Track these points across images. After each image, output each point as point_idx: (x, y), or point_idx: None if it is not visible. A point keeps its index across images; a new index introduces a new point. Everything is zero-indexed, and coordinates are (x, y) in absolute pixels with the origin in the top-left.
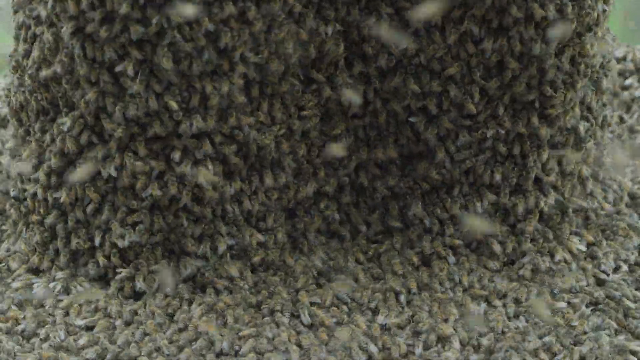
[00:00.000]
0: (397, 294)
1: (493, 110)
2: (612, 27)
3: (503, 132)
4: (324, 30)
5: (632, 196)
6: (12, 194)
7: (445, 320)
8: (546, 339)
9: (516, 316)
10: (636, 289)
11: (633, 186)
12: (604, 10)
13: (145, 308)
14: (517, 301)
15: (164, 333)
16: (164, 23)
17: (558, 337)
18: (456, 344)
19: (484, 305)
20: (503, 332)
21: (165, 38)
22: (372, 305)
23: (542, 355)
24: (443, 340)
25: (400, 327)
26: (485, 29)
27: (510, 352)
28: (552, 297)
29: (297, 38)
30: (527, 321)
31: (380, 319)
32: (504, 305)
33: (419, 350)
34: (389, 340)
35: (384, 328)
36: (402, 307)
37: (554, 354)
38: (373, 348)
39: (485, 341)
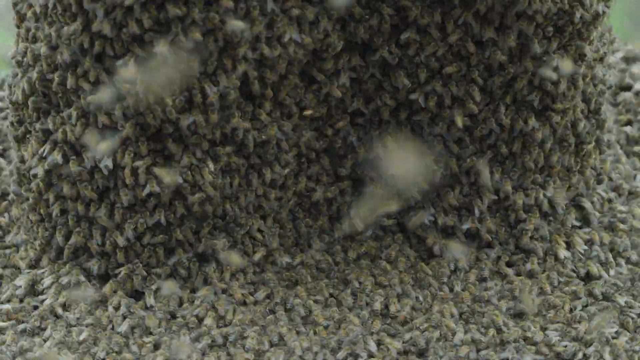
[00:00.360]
0: (397, 291)
1: (494, 109)
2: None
3: (503, 130)
4: (324, 25)
5: (632, 195)
6: (12, 189)
7: (448, 317)
8: (548, 336)
9: (517, 313)
10: (635, 288)
11: (632, 186)
12: (604, 12)
13: (145, 306)
14: (517, 298)
15: (164, 330)
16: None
17: (560, 335)
18: (458, 340)
19: (484, 302)
20: (501, 329)
21: (169, 35)
22: (373, 302)
23: (544, 351)
24: (447, 336)
25: (402, 324)
26: (485, 27)
27: (511, 348)
28: (552, 295)
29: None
30: (527, 318)
31: (378, 308)
32: (506, 302)
33: (422, 345)
34: (386, 337)
35: (385, 324)
36: (402, 304)
37: (557, 353)
38: (372, 347)
39: (486, 338)
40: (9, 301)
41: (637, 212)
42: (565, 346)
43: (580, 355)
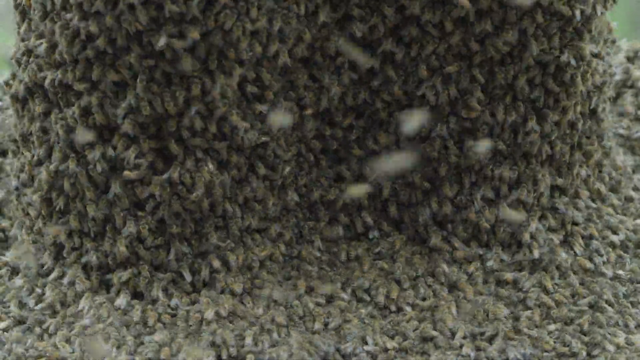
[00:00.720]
0: (397, 289)
1: (494, 108)
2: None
3: (503, 128)
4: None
5: (631, 195)
6: (13, 185)
7: (448, 314)
8: (550, 333)
9: (517, 311)
10: (636, 286)
11: (632, 186)
12: (602, 13)
13: (147, 304)
14: (518, 296)
15: (165, 327)
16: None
17: (562, 331)
18: (459, 337)
19: (485, 299)
20: (502, 326)
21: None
22: (373, 300)
23: (546, 347)
24: (447, 334)
25: (402, 322)
26: (484, 24)
27: (512, 344)
28: (554, 292)
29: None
30: (529, 315)
31: (378, 306)
32: (507, 300)
33: (423, 343)
34: (386, 335)
35: (384, 322)
36: (402, 302)
37: (559, 350)
38: (372, 345)
39: (487, 334)
40: (10, 300)
41: (635, 211)
42: (568, 344)
43: (583, 353)
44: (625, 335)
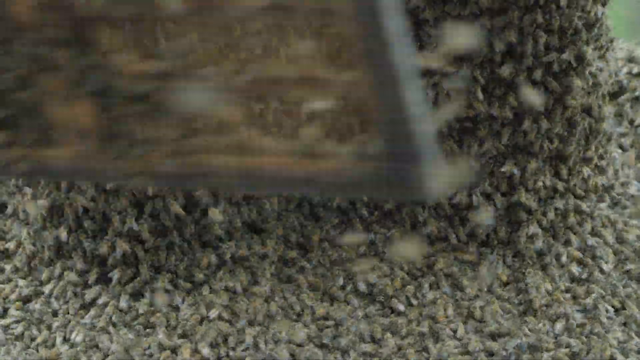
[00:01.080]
0: (396, 287)
1: (494, 106)
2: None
3: (504, 127)
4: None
5: (628, 197)
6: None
7: (449, 312)
8: (552, 331)
9: (518, 309)
10: (634, 289)
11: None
12: (603, 13)
13: (149, 304)
14: (518, 296)
15: (166, 327)
16: None
17: (562, 331)
18: (459, 334)
19: (485, 297)
20: (502, 324)
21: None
22: (373, 298)
23: (547, 347)
24: (448, 332)
25: (402, 320)
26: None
27: (512, 342)
28: (554, 292)
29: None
30: (530, 313)
31: (378, 304)
32: (507, 299)
33: (423, 340)
34: (386, 332)
35: (385, 319)
36: (402, 300)
37: (559, 350)
38: (371, 344)
39: (487, 332)
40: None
41: (635, 210)
42: (568, 344)
43: (584, 353)
44: (625, 334)
